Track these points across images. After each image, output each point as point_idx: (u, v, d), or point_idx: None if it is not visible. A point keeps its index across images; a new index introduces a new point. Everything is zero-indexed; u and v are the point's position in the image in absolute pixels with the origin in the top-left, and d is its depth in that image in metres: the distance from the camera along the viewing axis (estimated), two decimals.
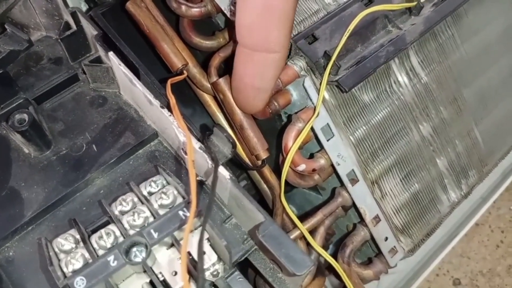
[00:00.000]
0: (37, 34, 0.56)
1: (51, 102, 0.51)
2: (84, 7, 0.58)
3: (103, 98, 0.51)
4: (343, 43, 0.50)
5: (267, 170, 0.54)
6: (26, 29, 0.56)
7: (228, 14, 0.51)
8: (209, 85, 0.53)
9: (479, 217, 0.76)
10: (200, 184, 0.45)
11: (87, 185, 0.47)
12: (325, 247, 0.58)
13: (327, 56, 0.50)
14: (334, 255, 0.58)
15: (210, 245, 0.41)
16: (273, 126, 0.58)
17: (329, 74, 0.50)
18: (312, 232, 0.55)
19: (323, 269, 0.60)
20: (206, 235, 0.40)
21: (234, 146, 0.43)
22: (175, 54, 0.50)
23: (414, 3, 0.54)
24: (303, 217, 0.54)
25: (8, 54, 0.50)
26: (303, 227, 0.52)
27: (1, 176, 0.46)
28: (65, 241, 0.40)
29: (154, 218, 0.40)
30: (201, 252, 0.33)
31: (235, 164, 0.60)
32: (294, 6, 0.41)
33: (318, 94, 0.51)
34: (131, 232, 0.40)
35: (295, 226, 0.54)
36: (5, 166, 0.47)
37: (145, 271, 0.38)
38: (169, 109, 0.44)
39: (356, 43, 0.53)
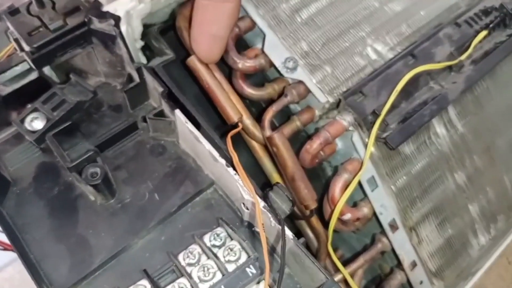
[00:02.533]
0: (96, 79, 0.58)
1: (113, 150, 0.54)
2: (140, 55, 0.61)
3: (162, 147, 0.54)
4: (391, 102, 0.53)
5: (314, 219, 0.57)
6: (84, 74, 0.59)
7: (282, 71, 0.54)
8: (261, 136, 0.56)
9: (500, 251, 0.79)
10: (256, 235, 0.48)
11: (149, 232, 0.50)
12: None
13: (375, 114, 0.53)
14: None
15: None
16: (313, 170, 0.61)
17: (377, 130, 0.53)
18: (352, 275, 0.58)
19: None
20: None
21: (293, 204, 0.46)
22: (232, 108, 0.53)
23: (456, 61, 0.58)
24: (345, 262, 0.57)
25: (76, 105, 0.52)
26: (346, 272, 0.55)
27: (70, 223, 0.49)
28: None
29: (222, 273, 0.43)
30: None
31: None
32: None
33: (365, 148, 0.54)
34: (201, 285, 0.43)
35: (336, 270, 0.57)
36: (72, 213, 0.50)
37: None
38: (232, 165, 0.47)
39: (400, 100, 0.56)
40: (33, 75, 0.54)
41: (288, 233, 0.44)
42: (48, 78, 0.56)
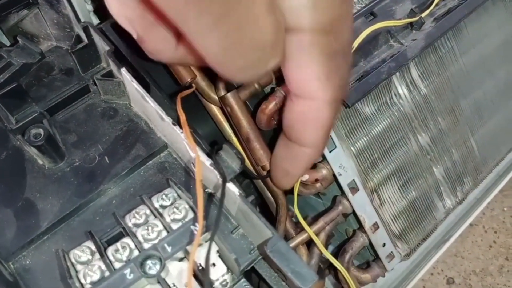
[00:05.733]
0: (47, 44, 0.57)
1: (64, 114, 0.52)
2: (93, 17, 0.59)
3: (114, 109, 0.53)
4: None
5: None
6: (36, 39, 0.57)
7: None
8: (216, 97, 0.54)
9: (473, 218, 0.79)
10: (210, 196, 0.47)
11: (99, 196, 0.49)
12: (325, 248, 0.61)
13: None
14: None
15: (220, 256, 0.43)
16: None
17: None
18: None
19: (323, 272, 0.62)
20: (216, 248, 0.43)
21: (242, 162, 0.45)
22: (184, 67, 0.52)
23: (416, 19, 0.56)
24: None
25: (21, 67, 0.51)
26: (309, 231, 0.55)
27: (17, 187, 0.48)
28: (82, 253, 0.43)
29: (167, 231, 0.43)
30: (207, 266, 0.36)
31: (241, 172, 0.62)
32: (332, 116, 0.41)
33: None
34: (145, 245, 0.42)
35: (297, 233, 0.56)
36: (20, 177, 0.49)
37: (159, 283, 0.41)
38: (180, 125, 0.46)
39: (359, 58, 0.55)
40: None
41: (234, 189, 0.43)
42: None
